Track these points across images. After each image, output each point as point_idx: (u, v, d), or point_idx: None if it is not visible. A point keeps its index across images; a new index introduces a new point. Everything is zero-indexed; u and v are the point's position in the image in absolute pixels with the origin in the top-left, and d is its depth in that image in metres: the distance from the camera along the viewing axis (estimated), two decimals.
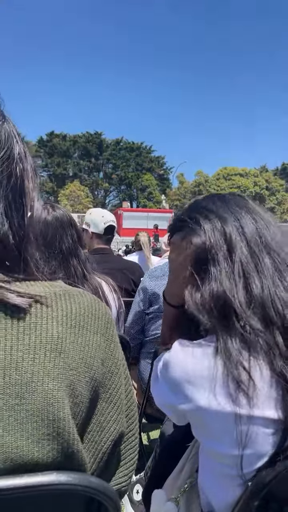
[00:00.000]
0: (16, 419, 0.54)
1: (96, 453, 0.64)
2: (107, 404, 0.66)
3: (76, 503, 0.60)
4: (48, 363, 0.57)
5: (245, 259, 0.83)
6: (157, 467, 1.35)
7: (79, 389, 0.60)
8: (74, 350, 0.60)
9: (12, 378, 0.55)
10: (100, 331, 0.65)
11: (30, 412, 0.55)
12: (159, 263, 2.77)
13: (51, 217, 1.66)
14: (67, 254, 1.64)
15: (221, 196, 0.95)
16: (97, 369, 0.63)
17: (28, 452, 0.54)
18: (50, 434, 0.56)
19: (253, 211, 0.90)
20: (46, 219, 1.65)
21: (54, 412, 0.56)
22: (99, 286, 1.76)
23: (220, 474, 0.78)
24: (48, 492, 0.55)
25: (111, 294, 1.85)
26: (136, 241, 5.33)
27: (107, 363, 0.66)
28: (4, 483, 0.52)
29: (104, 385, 0.65)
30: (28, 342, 0.57)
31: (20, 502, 0.56)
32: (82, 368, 0.61)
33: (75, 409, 0.59)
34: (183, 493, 0.91)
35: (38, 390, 0.56)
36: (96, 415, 0.64)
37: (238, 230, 0.86)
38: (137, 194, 57.60)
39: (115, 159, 58.35)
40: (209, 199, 0.95)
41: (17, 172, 0.65)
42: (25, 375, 0.55)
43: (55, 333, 0.59)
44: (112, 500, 0.59)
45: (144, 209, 39.34)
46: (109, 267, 2.50)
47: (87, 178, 58.53)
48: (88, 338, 0.63)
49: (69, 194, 46.78)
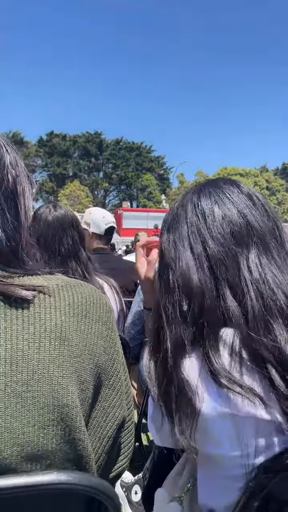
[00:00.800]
0: (23, 406, 0.56)
1: (102, 437, 0.67)
2: (110, 391, 0.68)
3: (76, 502, 0.60)
4: (53, 350, 0.59)
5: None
6: (155, 468, 1.35)
7: (84, 375, 0.62)
8: (77, 338, 0.63)
9: (19, 366, 0.57)
10: (101, 320, 0.68)
11: (36, 398, 0.57)
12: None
13: (52, 217, 1.63)
14: (66, 256, 1.62)
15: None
16: (100, 356, 0.66)
17: (34, 438, 0.56)
18: (55, 420, 0.57)
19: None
20: (46, 219, 1.62)
21: (59, 398, 0.58)
22: (100, 288, 1.74)
23: (219, 475, 0.78)
24: (48, 492, 0.55)
25: (112, 295, 1.83)
26: (136, 241, 5.34)
27: (109, 350, 0.68)
28: (4, 483, 0.52)
29: (106, 371, 0.68)
30: (33, 331, 0.59)
31: (20, 502, 0.56)
32: (86, 355, 0.63)
33: (82, 396, 0.61)
34: (187, 492, 0.91)
35: (44, 377, 0.58)
36: (100, 401, 0.67)
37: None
38: (137, 194, 57.61)
39: (115, 159, 58.34)
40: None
41: (9, 178, 0.69)
42: (31, 363, 0.57)
43: (58, 322, 0.61)
44: (112, 500, 0.59)
45: (144, 209, 39.40)
46: (109, 267, 2.49)
47: (87, 178, 58.53)
48: (91, 326, 0.66)
49: (69, 194, 46.76)
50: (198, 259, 0.78)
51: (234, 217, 0.80)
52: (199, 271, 0.77)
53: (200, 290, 0.76)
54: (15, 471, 0.55)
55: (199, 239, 0.79)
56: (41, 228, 1.61)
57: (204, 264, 0.77)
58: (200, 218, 0.81)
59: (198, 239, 0.79)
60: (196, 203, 0.83)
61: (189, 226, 0.81)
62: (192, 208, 0.83)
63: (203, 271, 0.77)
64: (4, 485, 0.52)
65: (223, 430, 0.72)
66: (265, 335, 0.72)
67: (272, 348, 0.71)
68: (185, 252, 0.79)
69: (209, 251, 0.78)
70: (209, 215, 0.81)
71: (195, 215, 0.82)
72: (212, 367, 0.71)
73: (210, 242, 0.78)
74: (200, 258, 0.78)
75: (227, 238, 0.78)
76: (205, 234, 0.79)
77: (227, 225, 0.79)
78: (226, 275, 0.76)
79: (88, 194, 51.11)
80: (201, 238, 0.79)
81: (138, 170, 58.03)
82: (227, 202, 0.82)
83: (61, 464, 0.59)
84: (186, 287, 0.77)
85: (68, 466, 0.60)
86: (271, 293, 0.74)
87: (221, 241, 0.78)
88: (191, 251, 0.79)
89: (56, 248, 1.60)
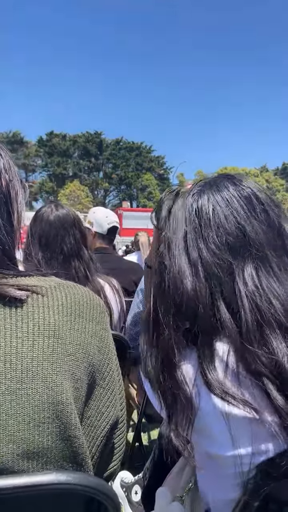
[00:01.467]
0: (18, 403, 0.56)
1: (96, 437, 0.67)
2: (104, 390, 0.69)
3: (76, 502, 0.60)
4: (47, 348, 0.60)
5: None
6: (155, 468, 1.35)
7: (78, 374, 0.63)
8: (71, 336, 0.63)
9: (13, 363, 0.57)
10: (95, 320, 0.69)
11: (31, 396, 0.57)
12: None
13: (53, 217, 1.63)
14: (69, 255, 1.61)
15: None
16: (94, 355, 0.66)
17: (29, 435, 0.56)
18: (50, 417, 0.58)
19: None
20: (48, 219, 1.62)
21: (53, 395, 0.58)
22: (101, 289, 1.73)
23: (219, 474, 0.78)
24: (48, 492, 0.55)
25: (113, 295, 1.83)
26: (136, 241, 5.33)
27: (103, 350, 0.69)
28: (4, 483, 0.53)
29: (101, 371, 0.68)
30: (27, 330, 0.60)
31: (19, 502, 0.56)
32: (80, 354, 0.63)
33: (76, 394, 0.62)
34: (188, 492, 0.91)
35: (38, 375, 0.58)
36: (94, 400, 0.67)
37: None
38: (137, 194, 57.61)
39: (115, 159, 58.34)
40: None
41: (2, 183, 0.70)
42: (25, 361, 0.58)
43: (52, 321, 0.62)
44: (111, 500, 0.59)
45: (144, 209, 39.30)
46: (110, 267, 2.49)
47: (87, 178, 58.53)
48: (84, 326, 0.66)
49: (69, 194, 46.74)
50: (194, 266, 0.76)
51: (231, 228, 0.77)
52: (193, 278, 0.76)
53: (193, 296, 0.74)
54: (12, 469, 0.55)
55: (195, 247, 0.78)
56: (43, 227, 1.61)
57: (200, 272, 0.76)
58: (197, 225, 0.79)
59: (195, 247, 0.78)
60: (194, 208, 0.81)
61: (186, 232, 0.79)
62: (189, 213, 0.81)
63: (198, 278, 0.75)
64: (4, 485, 0.52)
65: (222, 430, 0.72)
66: (260, 348, 0.71)
67: (268, 360, 0.70)
68: (180, 257, 0.78)
69: (204, 261, 0.76)
70: (206, 224, 0.78)
71: (192, 221, 0.80)
72: (206, 378, 0.71)
73: (205, 252, 0.76)
74: (196, 265, 0.76)
75: (222, 249, 0.76)
76: (200, 243, 0.77)
77: (223, 235, 0.77)
78: (221, 287, 0.75)
79: (88, 194, 51.07)
80: (197, 246, 0.78)
81: (138, 170, 58.03)
82: (225, 209, 0.79)
83: (57, 461, 0.59)
84: (179, 292, 0.75)
85: (64, 463, 0.60)
86: (268, 305, 0.73)
87: (216, 252, 0.76)
88: (186, 256, 0.78)
89: (58, 247, 1.60)
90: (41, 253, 1.58)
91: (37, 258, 1.56)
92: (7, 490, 0.52)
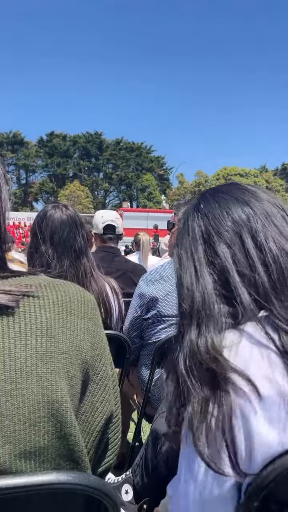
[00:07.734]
0: (13, 404, 0.56)
1: (91, 432, 0.67)
2: (98, 386, 0.69)
3: (76, 502, 0.60)
4: (40, 348, 0.60)
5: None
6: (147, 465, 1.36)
7: (72, 371, 0.62)
8: (63, 334, 0.63)
9: (6, 364, 0.57)
10: (87, 316, 0.68)
11: (26, 396, 0.57)
12: (159, 263, 2.76)
13: (66, 216, 1.68)
14: (79, 253, 1.68)
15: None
16: (87, 352, 0.66)
17: (26, 435, 0.56)
18: (45, 416, 0.58)
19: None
20: (61, 217, 1.67)
21: (48, 394, 0.58)
22: (103, 287, 1.78)
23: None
24: (48, 492, 0.55)
25: (112, 296, 1.85)
26: (136, 241, 5.34)
27: (96, 346, 0.69)
28: (4, 483, 0.53)
29: (94, 367, 0.68)
30: (19, 329, 0.59)
31: (19, 502, 0.56)
32: (73, 351, 0.63)
33: (71, 391, 0.62)
34: None
35: (32, 374, 0.58)
36: (88, 396, 0.67)
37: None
38: (137, 194, 57.65)
39: (115, 159, 58.40)
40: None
41: None
42: (19, 361, 0.58)
43: (44, 320, 0.62)
44: (111, 499, 0.59)
45: (144, 209, 39.37)
46: (111, 267, 2.50)
47: (87, 178, 58.59)
48: (76, 323, 0.66)
49: (69, 194, 46.76)
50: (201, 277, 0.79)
51: (235, 247, 0.79)
52: (200, 286, 0.78)
53: (201, 303, 0.77)
54: (10, 470, 0.55)
55: (205, 266, 0.80)
56: (56, 225, 1.66)
57: (207, 285, 0.78)
58: (203, 245, 0.82)
59: (204, 267, 0.80)
60: (199, 225, 0.84)
61: (193, 251, 0.83)
62: (195, 230, 0.84)
63: (205, 289, 0.78)
64: (4, 485, 0.52)
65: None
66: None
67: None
68: (189, 268, 0.81)
69: (214, 274, 0.79)
70: (212, 243, 0.81)
71: (200, 242, 0.83)
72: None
73: (212, 269, 0.79)
74: (203, 276, 0.79)
75: (228, 264, 0.79)
76: (208, 262, 0.80)
77: (228, 251, 0.80)
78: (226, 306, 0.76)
79: (88, 194, 51.10)
80: (206, 265, 0.80)
81: (138, 170, 58.09)
82: (230, 231, 0.81)
83: (54, 459, 0.59)
84: (190, 301, 0.79)
85: (61, 461, 0.60)
86: None
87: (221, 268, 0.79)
88: (194, 268, 0.81)
89: (71, 245, 1.66)
90: (52, 250, 1.64)
91: (47, 254, 1.62)
92: (7, 490, 0.53)
